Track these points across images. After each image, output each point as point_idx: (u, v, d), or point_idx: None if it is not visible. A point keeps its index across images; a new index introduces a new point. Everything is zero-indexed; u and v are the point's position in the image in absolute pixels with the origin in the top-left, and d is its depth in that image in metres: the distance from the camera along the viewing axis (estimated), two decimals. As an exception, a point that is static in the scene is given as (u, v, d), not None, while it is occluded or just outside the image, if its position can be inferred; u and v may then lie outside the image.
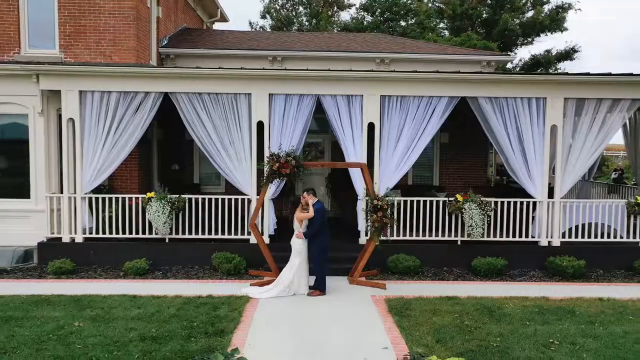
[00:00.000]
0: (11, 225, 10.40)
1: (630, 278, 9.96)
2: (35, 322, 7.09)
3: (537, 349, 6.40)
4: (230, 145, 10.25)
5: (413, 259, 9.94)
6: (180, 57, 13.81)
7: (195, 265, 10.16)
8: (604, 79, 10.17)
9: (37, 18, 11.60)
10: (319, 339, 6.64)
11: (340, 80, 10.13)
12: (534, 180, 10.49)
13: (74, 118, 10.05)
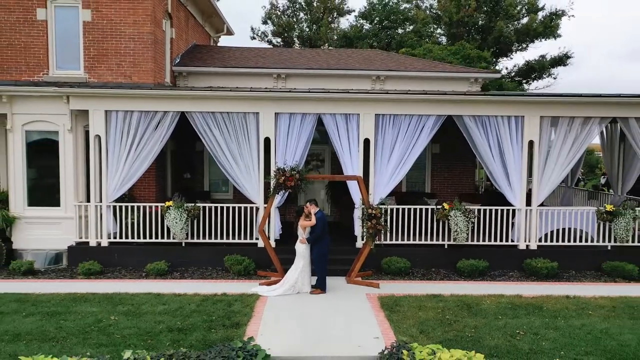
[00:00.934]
0: (44, 230, 11.57)
1: (598, 278, 11.12)
2: (77, 316, 8.26)
3: (505, 338, 7.57)
4: (240, 159, 11.41)
5: (404, 261, 11.10)
6: (192, 74, 14.98)
7: (209, 267, 11.33)
8: (575, 100, 11.33)
9: (63, 42, 12.77)
10: (320, 330, 7.80)
11: (339, 100, 11.30)
12: (514, 189, 11.66)
13: (100, 135, 11.22)
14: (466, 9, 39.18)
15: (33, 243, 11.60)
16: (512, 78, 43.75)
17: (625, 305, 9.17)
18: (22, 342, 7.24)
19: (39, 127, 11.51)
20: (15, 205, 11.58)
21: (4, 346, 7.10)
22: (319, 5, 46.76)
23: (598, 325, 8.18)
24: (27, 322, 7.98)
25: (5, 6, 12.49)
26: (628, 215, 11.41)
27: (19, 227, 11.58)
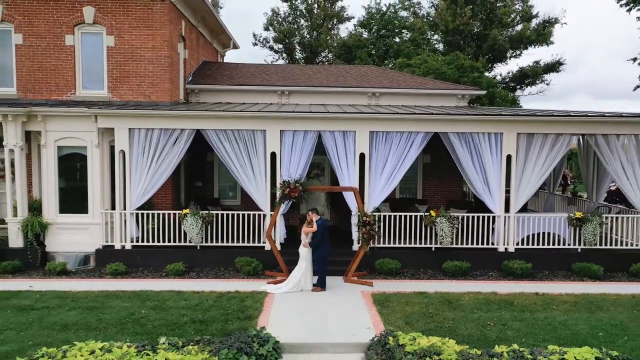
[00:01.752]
0: (73, 235, 12.95)
1: (568, 278, 12.50)
2: (112, 310, 9.64)
3: (477, 328, 8.95)
4: (249, 171, 12.80)
5: (395, 262, 12.49)
6: (203, 91, 16.35)
7: (222, 267, 12.71)
8: (548, 119, 12.71)
9: (89, 65, 14.15)
10: (321, 321, 9.18)
11: (337, 119, 12.67)
12: (494, 198, 13.03)
13: (124, 150, 12.60)
14: (462, 17, 40.57)
15: (64, 246, 12.99)
16: (507, 84, 45.18)
17: (585, 301, 10.55)
18: (70, 331, 8.62)
19: (69, 142, 12.89)
20: (48, 212, 12.97)
21: (56, 334, 8.48)
22: (319, 13, 48.11)
23: (558, 317, 9.56)
24: (71, 315, 9.37)
25: (37, 33, 13.87)
26: (595, 221, 12.79)
27: (51, 232, 12.96)
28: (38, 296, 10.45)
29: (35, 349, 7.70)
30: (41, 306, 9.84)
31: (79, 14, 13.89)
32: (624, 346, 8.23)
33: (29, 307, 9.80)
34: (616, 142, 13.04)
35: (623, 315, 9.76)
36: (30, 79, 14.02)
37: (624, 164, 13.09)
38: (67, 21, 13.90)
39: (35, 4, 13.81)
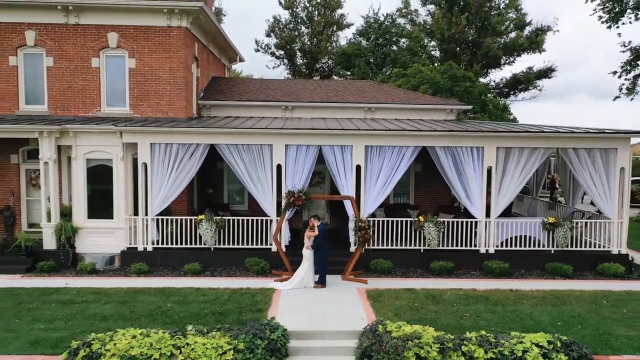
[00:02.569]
0: (100, 238, 14.49)
1: (541, 276, 14.04)
2: (141, 304, 11.19)
3: (454, 319, 10.49)
4: (258, 181, 14.34)
5: (388, 262, 14.04)
6: (214, 106, 17.88)
7: (233, 267, 14.24)
8: (524, 135, 14.25)
9: (112, 85, 15.70)
10: (322, 313, 10.72)
11: (336, 135, 14.21)
12: (475, 205, 14.57)
13: (146, 162, 14.14)
14: (457, 26, 42.09)
15: (92, 248, 14.53)
16: (501, 89, 46.72)
17: (552, 297, 12.10)
18: (109, 321, 10.17)
19: (96, 155, 14.43)
20: (78, 217, 14.51)
21: (98, 323, 10.03)
22: (320, 20, 49.61)
23: (526, 310, 11.11)
24: (107, 308, 10.92)
25: (66, 56, 15.42)
26: (566, 226, 14.34)
27: (81, 235, 14.51)
28: (76, 292, 12.00)
29: (83, 335, 9.27)
30: (80, 300, 11.39)
31: (104, 39, 15.45)
32: (577, 333, 9.79)
33: (70, 301, 11.36)
34: (585, 155, 14.58)
35: (582, 308, 11.31)
36: (60, 97, 15.57)
37: (593, 174, 14.62)
38: (93, 46, 15.45)
39: (65, 30, 15.37)
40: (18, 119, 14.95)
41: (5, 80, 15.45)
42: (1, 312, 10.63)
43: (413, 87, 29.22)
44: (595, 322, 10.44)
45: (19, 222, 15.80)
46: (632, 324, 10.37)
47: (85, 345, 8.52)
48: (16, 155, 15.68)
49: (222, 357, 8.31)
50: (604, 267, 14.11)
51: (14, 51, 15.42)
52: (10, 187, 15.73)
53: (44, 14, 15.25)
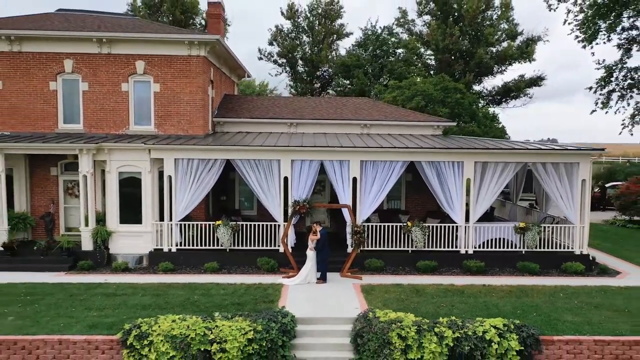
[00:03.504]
0: (130, 240, 16.68)
1: (512, 273, 16.23)
2: (173, 296, 13.40)
3: (433, 308, 12.68)
4: (267, 191, 16.54)
5: (380, 261, 16.24)
6: (227, 123, 20.10)
7: (246, 266, 16.43)
8: (498, 151, 16.45)
9: (139, 106, 17.92)
10: (323, 304, 12.92)
11: (335, 151, 16.41)
12: (456, 212, 16.77)
13: (171, 175, 16.35)
14: (451, 37, 44.29)
15: (123, 249, 16.73)
16: (494, 97, 48.93)
17: (518, 290, 14.30)
18: (149, 309, 12.38)
19: (127, 169, 16.63)
20: (111, 222, 16.72)
21: (140, 311, 12.22)
22: (320, 29, 51.81)
23: (493, 301, 13.32)
24: (145, 299, 13.14)
25: (99, 82, 17.63)
26: (534, 230, 16.55)
27: (113, 238, 16.71)
28: (115, 287, 14.22)
29: (130, 320, 11.46)
30: (121, 293, 13.62)
31: (132, 67, 17.66)
32: (531, 319, 11.99)
33: (112, 294, 13.58)
34: (552, 168, 16.78)
35: (541, 300, 13.52)
36: (94, 117, 17.79)
37: (558, 185, 16.82)
38: (123, 72, 17.67)
39: (99, 59, 17.59)
40: (58, 137, 17.16)
41: (46, 102, 17.66)
42: (58, 302, 12.84)
43: (407, 99, 31.43)
44: (549, 311, 12.65)
45: (58, 226, 18.01)
46: (579, 312, 12.58)
47: (136, 327, 10.75)
48: (55, 167, 17.88)
49: (244, 336, 10.54)
50: (567, 266, 16.31)
51: (54, 77, 17.63)
52: (50, 196, 17.94)
53: (80, 45, 17.46)
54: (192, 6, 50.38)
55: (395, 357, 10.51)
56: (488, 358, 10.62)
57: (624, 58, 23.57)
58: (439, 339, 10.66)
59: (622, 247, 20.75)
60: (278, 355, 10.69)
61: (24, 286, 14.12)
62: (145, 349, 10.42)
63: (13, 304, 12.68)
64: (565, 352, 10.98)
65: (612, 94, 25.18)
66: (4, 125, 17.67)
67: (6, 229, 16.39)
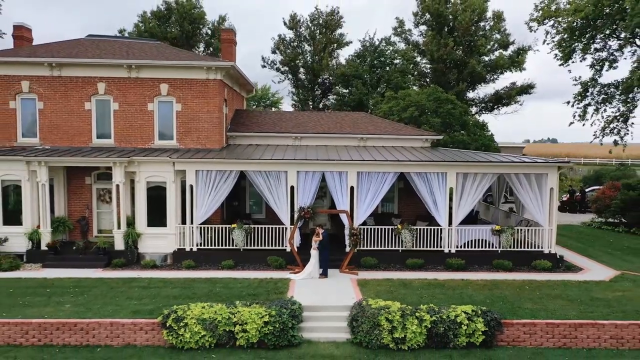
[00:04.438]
0: (156, 241, 19.14)
1: (489, 270, 18.69)
2: (197, 288, 15.86)
3: (416, 298, 15.13)
4: (277, 198, 19.00)
5: (374, 259, 18.70)
6: (239, 136, 22.58)
7: (258, 263, 18.89)
8: (476, 164, 18.92)
9: (163, 123, 20.40)
10: (324, 295, 15.39)
11: (335, 164, 18.87)
12: (441, 215, 19.23)
13: (192, 184, 18.82)
14: (445, 47, 46.74)
15: (150, 249, 19.20)
16: (486, 104, 51.38)
17: (490, 284, 16.77)
18: (179, 299, 14.84)
19: (154, 179, 19.10)
20: (140, 225, 19.18)
21: (172, 300, 14.69)
22: (321, 38, 54.24)
23: (468, 293, 15.79)
24: (175, 291, 15.61)
25: (128, 102, 20.12)
26: (508, 232, 19.02)
27: (142, 239, 19.18)
28: (148, 281, 16.70)
29: (166, 307, 13.90)
30: (154, 286, 16.10)
31: (157, 89, 20.15)
32: (497, 307, 14.43)
33: (146, 286, 16.06)
34: (523, 178, 19.25)
35: (509, 291, 15.98)
36: (123, 133, 20.28)
37: (529, 193, 19.28)
38: (149, 94, 20.16)
39: (128, 82, 20.07)
40: (93, 151, 19.64)
41: (82, 120, 20.14)
42: (103, 293, 15.33)
43: (402, 109, 33.86)
44: (514, 300, 15.12)
45: (91, 229, 20.49)
46: (538, 302, 15.05)
47: (173, 312, 13.22)
48: (89, 177, 20.35)
49: (261, 319, 13.01)
50: (536, 263, 18.78)
51: (88, 98, 20.12)
52: (84, 202, 20.41)
53: (112, 70, 19.94)
54: (199, 17, 52.99)
55: (384, 336, 12.99)
56: (459, 337, 13.10)
57: (595, 76, 25.98)
58: (419, 322, 13.12)
59: (591, 247, 23.22)
60: (288, 335, 13.16)
61: (70, 280, 16.61)
62: (181, 329, 12.89)
63: (66, 295, 15.18)
64: (522, 332, 13.45)
65: (588, 107, 27.60)
66: (45, 140, 20.16)
67: (49, 231, 18.88)
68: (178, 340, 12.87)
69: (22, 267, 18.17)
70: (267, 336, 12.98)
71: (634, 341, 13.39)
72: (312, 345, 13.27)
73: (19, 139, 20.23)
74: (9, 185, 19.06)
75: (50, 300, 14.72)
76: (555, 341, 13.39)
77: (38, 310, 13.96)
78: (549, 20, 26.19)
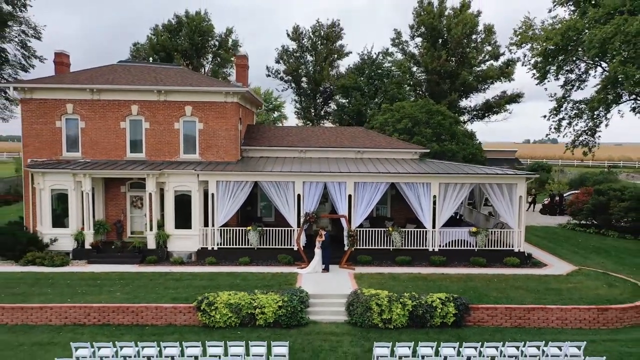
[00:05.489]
0: (183, 241, 22.42)
1: (466, 266, 21.93)
2: (221, 281, 19.13)
3: (403, 288, 18.36)
4: (286, 204, 22.27)
5: (368, 257, 21.97)
6: (252, 150, 25.86)
7: (270, 260, 22.14)
8: (455, 175, 22.18)
9: (187, 139, 23.68)
10: (326, 285, 18.65)
11: (336, 175, 22.15)
12: (426, 219, 22.50)
13: (214, 193, 22.09)
14: (438, 60, 50.00)
15: (177, 248, 22.48)
16: (477, 112, 54.58)
17: (466, 277, 20.03)
18: (207, 289, 18.10)
19: (181, 188, 22.37)
20: (168, 227, 22.46)
21: (202, 290, 17.95)
22: (322, 49, 57.48)
23: (446, 284, 19.05)
24: (202, 282, 18.88)
25: (157, 122, 23.41)
26: (483, 233, 22.30)
27: (170, 239, 22.46)
28: (179, 275, 19.97)
29: (199, 294, 17.16)
30: (185, 279, 19.38)
31: (182, 111, 23.44)
32: (468, 295, 17.67)
33: (179, 279, 19.33)
34: (496, 187, 22.50)
35: (480, 283, 19.24)
36: (153, 148, 23.56)
37: (502, 200, 22.54)
38: (176, 114, 23.45)
39: (157, 104, 23.36)
40: (127, 163, 22.92)
41: (118, 137, 23.44)
42: (144, 284, 18.61)
43: (397, 120, 37.06)
44: (483, 290, 18.38)
45: (125, 230, 23.77)
46: (503, 291, 18.30)
47: (205, 298, 16.50)
48: (124, 186, 23.65)
49: (276, 303, 16.28)
50: (507, 260, 22.04)
51: (123, 118, 23.42)
52: (120, 207, 23.70)
53: (144, 95, 23.23)
54: (208, 30, 56.29)
55: (374, 317, 16.27)
56: (434, 318, 16.37)
57: (566, 95, 29.25)
58: (403, 306, 16.40)
59: (560, 247, 26.47)
60: (298, 317, 16.43)
61: (115, 274, 19.90)
62: (212, 312, 16.16)
63: (114, 286, 18.47)
64: (486, 315, 16.73)
65: (562, 121, 30.86)
66: (86, 154, 23.46)
67: (92, 233, 22.17)
68: (210, 321, 16.18)
69: (70, 263, 21.44)
70: (281, 317, 16.26)
71: (575, 322, 16.68)
72: (316, 325, 16.56)
73: (63, 153, 23.53)
74: (58, 194, 22.32)
75: (103, 290, 18.02)
76: (512, 322, 16.68)
77: (95, 297, 17.27)
78: (526, 44, 29.42)
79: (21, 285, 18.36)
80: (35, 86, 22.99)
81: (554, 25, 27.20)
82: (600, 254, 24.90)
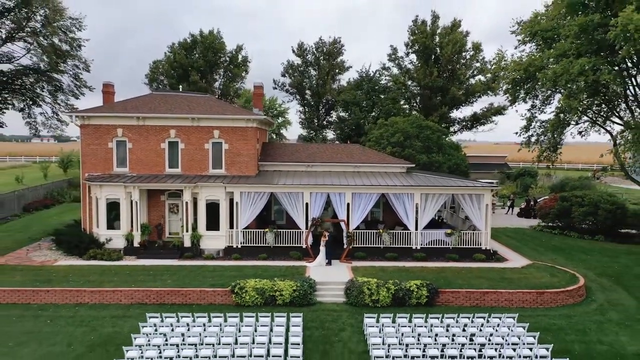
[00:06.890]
0: (212, 240, 27.60)
1: (442, 261, 27.06)
2: (246, 271, 24.30)
3: (389, 277, 23.49)
4: (296, 211, 27.45)
5: (363, 253, 27.14)
6: (267, 165, 31.05)
7: (283, 256, 27.27)
8: (434, 188, 27.33)
9: (215, 157, 28.87)
10: (329, 275, 23.80)
11: (337, 187, 27.31)
12: (410, 222, 27.66)
13: (237, 202, 27.27)
14: (430, 75, 55.12)
15: (208, 246, 27.66)
16: (466, 123, 59.63)
17: (440, 269, 25.16)
18: (237, 278, 23.23)
19: (211, 198, 27.56)
20: (200, 229, 27.64)
21: (233, 278, 23.10)
22: (325, 64, 62.64)
23: (424, 275, 24.17)
24: (232, 273, 24.06)
25: (190, 143, 28.61)
26: (456, 234, 27.49)
27: (202, 239, 27.64)
28: (212, 268, 25.14)
29: (232, 281, 22.33)
30: (218, 270, 24.55)
31: (211, 134, 28.65)
32: (439, 282, 22.81)
33: (213, 270, 24.51)
34: (467, 197, 27.66)
35: (450, 274, 24.39)
36: (187, 164, 28.77)
37: (472, 207, 27.68)
38: (206, 137, 28.66)
39: (191, 128, 28.57)
40: (166, 177, 28.12)
41: (158, 156, 28.66)
42: (187, 274, 23.80)
43: (391, 134, 42.16)
44: (452, 279, 23.52)
45: (164, 232, 28.98)
46: (466, 279, 23.45)
47: (237, 284, 21.70)
48: (163, 195, 28.87)
49: (291, 288, 21.48)
50: (475, 256, 27.19)
51: (163, 140, 28.64)
52: (159, 213, 28.92)
53: (180, 121, 28.45)
54: (220, 48, 61.53)
55: (365, 298, 21.46)
56: (411, 299, 21.55)
57: (533, 117, 34.39)
58: (387, 290, 21.58)
59: (525, 245, 31.60)
60: (308, 298, 21.62)
61: (161, 266, 25.10)
62: (243, 294, 21.36)
63: (164, 275, 23.68)
64: (451, 297, 21.90)
65: (531, 138, 35.98)
66: (132, 169, 28.69)
67: (139, 234, 27.39)
68: (241, 300, 21.40)
69: (123, 259, 26.63)
70: (295, 298, 21.46)
71: (519, 302, 21.85)
72: (322, 304, 21.75)
73: (114, 168, 28.75)
74: (111, 202, 27.53)
75: (156, 278, 23.23)
76: (471, 302, 21.86)
77: (151, 284, 22.48)
78: (499, 72, 34.57)
79: (92, 275, 23.59)
80: (92, 115, 28.22)
81: (521, 58, 32.32)
82: (556, 252, 30.04)
